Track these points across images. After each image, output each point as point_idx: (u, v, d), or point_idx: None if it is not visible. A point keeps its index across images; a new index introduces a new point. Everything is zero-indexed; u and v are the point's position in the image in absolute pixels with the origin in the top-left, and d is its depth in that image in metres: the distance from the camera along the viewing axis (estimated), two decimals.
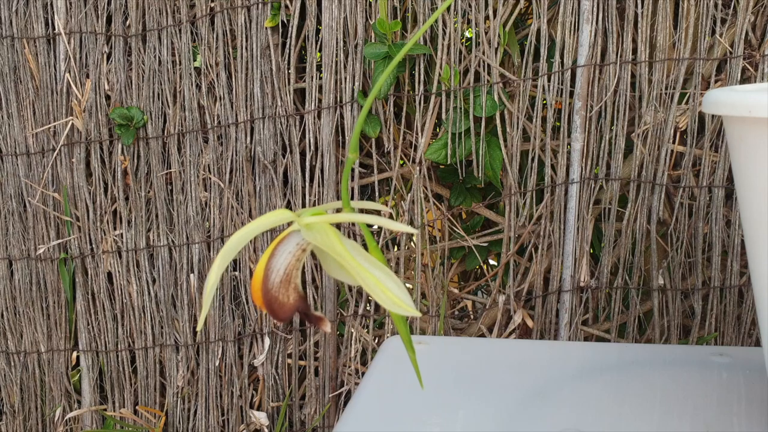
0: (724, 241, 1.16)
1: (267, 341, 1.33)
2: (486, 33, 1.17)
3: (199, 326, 0.42)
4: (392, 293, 0.41)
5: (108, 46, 1.32)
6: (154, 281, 1.37)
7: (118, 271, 1.37)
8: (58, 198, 1.37)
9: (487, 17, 1.17)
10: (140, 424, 1.41)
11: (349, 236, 1.27)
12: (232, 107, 1.28)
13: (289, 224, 0.43)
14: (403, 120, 1.26)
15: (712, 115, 1.13)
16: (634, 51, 1.14)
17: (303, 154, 1.29)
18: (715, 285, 1.16)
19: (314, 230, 0.42)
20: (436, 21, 1.17)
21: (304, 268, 1.32)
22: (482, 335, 1.27)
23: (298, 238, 0.43)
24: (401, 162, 1.26)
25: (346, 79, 1.22)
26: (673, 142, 1.15)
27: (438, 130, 1.25)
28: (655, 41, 1.12)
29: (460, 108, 1.18)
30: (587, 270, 1.20)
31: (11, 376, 1.47)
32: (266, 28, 1.24)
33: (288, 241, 0.43)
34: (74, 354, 1.44)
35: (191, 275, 1.35)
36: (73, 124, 1.33)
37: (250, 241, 1.32)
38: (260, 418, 1.35)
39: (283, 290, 0.42)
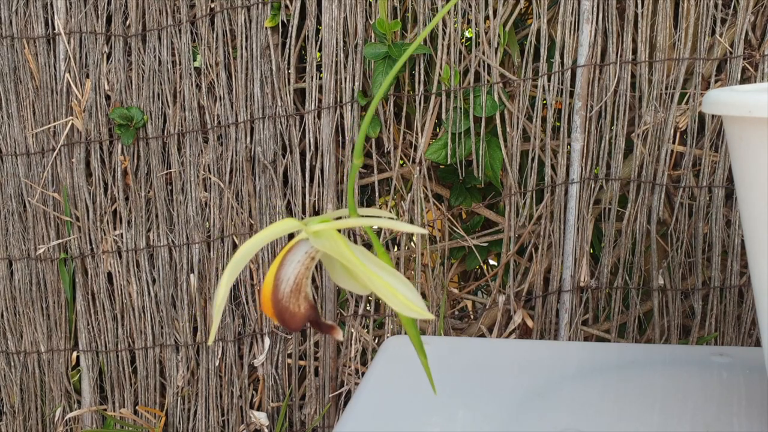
0: (724, 241, 1.15)
1: (267, 341, 1.33)
2: (486, 33, 1.17)
3: (210, 341, 0.42)
4: (404, 297, 0.40)
5: (108, 46, 1.32)
6: (154, 281, 1.37)
7: (118, 271, 1.37)
8: (58, 198, 1.37)
9: (487, 17, 1.17)
10: (140, 424, 1.41)
11: (350, 238, 1.27)
12: (232, 107, 1.28)
13: (292, 235, 0.43)
14: (403, 120, 1.26)
15: (712, 115, 1.13)
16: (634, 51, 1.14)
17: (303, 154, 1.29)
18: (715, 285, 1.16)
19: (322, 238, 0.42)
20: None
21: None
22: (482, 335, 1.27)
23: (306, 247, 0.43)
24: (401, 162, 1.26)
25: (346, 79, 1.22)
26: (673, 142, 1.15)
27: (438, 130, 1.25)
28: (655, 41, 1.12)
29: (460, 108, 1.18)
30: (587, 270, 1.20)
31: (11, 376, 1.47)
32: (266, 28, 1.24)
33: (296, 250, 0.43)
34: (74, 354, 1.43)
35: (191, 275, 1.35)
36: (73, 124, 1.33)
37: None
38: (260, 418, 1.35)
39: (294, 300, 0.42)
